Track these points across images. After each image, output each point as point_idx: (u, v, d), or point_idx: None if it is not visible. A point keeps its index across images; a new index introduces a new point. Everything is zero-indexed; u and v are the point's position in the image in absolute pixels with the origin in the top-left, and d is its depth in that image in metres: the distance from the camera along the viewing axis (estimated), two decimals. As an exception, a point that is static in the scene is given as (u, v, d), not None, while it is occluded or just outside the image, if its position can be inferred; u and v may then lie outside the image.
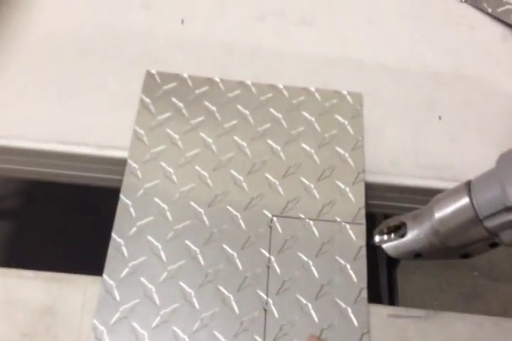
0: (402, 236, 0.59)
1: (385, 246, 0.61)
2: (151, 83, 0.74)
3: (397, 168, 0.72)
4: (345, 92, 0.76)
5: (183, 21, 0.82)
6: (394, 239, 0.60)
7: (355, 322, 0.60)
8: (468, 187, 0.54)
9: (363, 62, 0.80)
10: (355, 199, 0.67)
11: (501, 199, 0.50)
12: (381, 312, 0.62)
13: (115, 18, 0.81)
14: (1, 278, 0.61)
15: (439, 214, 0.55)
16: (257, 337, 0.58)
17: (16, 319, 0.58)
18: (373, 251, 1.50)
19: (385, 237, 0.61)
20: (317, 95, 0.76)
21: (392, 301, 1.30)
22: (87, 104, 0.73)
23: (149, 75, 0.75)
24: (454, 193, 0.55)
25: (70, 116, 0.71)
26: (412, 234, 0.59)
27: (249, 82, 0.76)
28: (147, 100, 0.72)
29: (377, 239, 0.62)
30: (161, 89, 0.74)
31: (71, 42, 0.77)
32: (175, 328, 0.57)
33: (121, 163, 0.68)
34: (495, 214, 0.51)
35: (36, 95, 0.73)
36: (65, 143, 0.69)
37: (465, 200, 0.53)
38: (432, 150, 0.73)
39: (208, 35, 0.81)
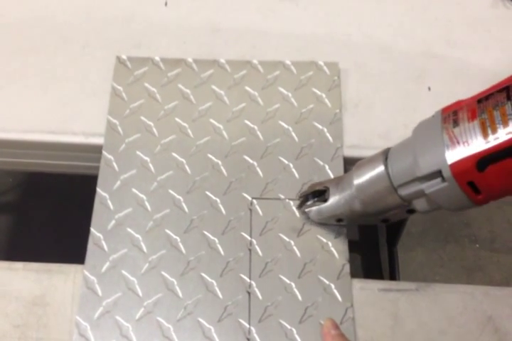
0: (325, 201, 0.63)
1: (307, 210, 0.65)
2: (122, 69, 0.76)
3: (387, 141, 0.73)
4: (321, 63, 0.77)
5: (166, 3, 0.83)
6: (317, 204, 0.64)
7: (339, 298, 0.63)
8: (385, 155, 0.57)
9: (351, 36, 0.82)
10: (334, 177, 0.69)
11: (413, 169, 0.52)
12: (372, 287, 0.65)
13: (96, 3, 0.82)
14: (-9, 271, 0.65)
15: (357, 181, 0.59)
16: (241, 321, 0.61)
17: (7, 311, 0.62)
18: (374, 228, 1.54)
19: (309, 202, 0.64)
20: (293, 68, 0.77)
21: (393, 278, 1.34)
22: (71, 93, 0.75)
23: (120, 61, 0.76)
24: (371, 161, 0.58)
25: (55, 106, 0.74)
26: (334, 199, 0.62)
27: (222, 60, 0.77)
28: (119, 88, 0.74)
29: (301, 203, 0.65)
30: (133, 75, 0.75)
31: (51, 30, 0.80)
32: (159, 318, 0.60)
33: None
34: (408, 183, 0.54)
35: (18, 86, 0.75)
36: (51, 132, 0.72)
37: (381, 169, 0.56)
38: (422, 122, 0.74)
39: (192, 17, 0.83)
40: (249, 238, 0.65)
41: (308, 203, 0.64)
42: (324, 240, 0.66)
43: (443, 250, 1.53)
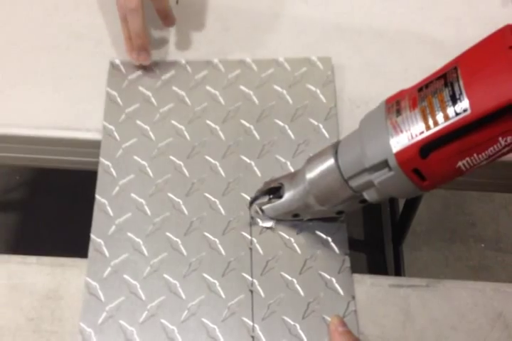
0: (280, 197, 0.64)
1: (264, 207, 0.66)
2: (116, 74, 0.77)
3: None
4: (314, 58, 0.78)
5: (177, 1, 0.85)
6: (272, 201, 0.65)
7: (341, 291, 0.64)
8: (335, 148, 0.58)
9: (361, 34, 0.83)
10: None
11: (361, 160, 0.54)
12: (383, 282, 0.66)
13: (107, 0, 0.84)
14: (5, 265, 0.66)
15: (309, 176, 0.60)
16: (245, 319, 0.62)
17: (21, 304, 0.64)
18: (379, 227, 1.55)
19: (265, 199, 0.66)
20: (286, 65, 0.78)
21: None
22: (84, 89, 0.77)
23: (113, 66, 0.78)
24: (322, 154, 0.60)
25: (69, 102, 0.76)
26: (289, 195, 0.64)
27: (216, 60, 0.78)
28: (113, 93, 0.76)
29: (257, 201, 0.66)
30: (127, 80, 0.77)
31: (64, 28, 0.82)
32: (163, 321, 0.62)
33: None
34: (357, 174, 0.55)
35: (32, 83, 0.78)
36: (64, 128, 0.74)
37: (331, 162, 0.58)
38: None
39: (203, 15, 0.84)
40: (249, 237, 0.67)
41: (265, 200, 0.66)
42: (324, 236, 0.67)
43: (448, 249, 1.54)
